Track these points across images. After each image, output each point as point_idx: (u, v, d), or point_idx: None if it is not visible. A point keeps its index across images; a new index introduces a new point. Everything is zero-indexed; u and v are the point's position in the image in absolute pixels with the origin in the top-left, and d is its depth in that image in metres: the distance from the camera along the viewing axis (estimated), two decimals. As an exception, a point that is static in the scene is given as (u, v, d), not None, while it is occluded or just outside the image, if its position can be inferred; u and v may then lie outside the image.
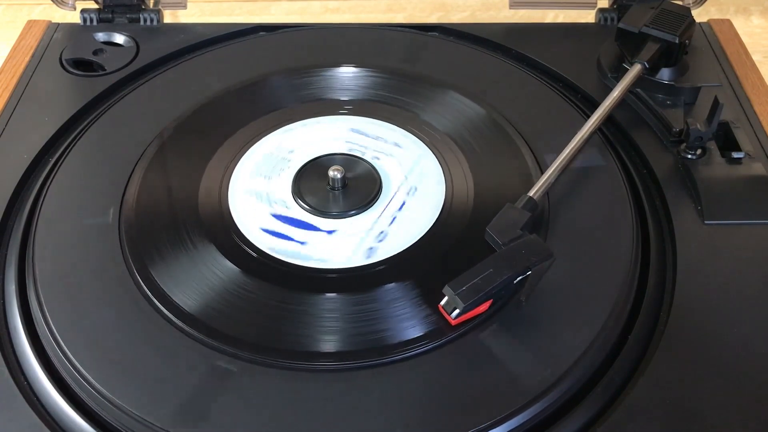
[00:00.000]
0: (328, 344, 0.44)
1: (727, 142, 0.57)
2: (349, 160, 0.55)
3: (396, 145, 0.57)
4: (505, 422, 0.41)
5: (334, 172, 0.52)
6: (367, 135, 0.57)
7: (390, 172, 0.55)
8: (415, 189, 0.53)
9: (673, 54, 0.59)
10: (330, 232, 0.51)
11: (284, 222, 0.51)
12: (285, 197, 0.53)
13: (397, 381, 0.42)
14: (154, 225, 0.51)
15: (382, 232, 0.50)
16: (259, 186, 0.54)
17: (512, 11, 0.79)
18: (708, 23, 0.69)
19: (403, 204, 0.52)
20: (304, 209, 0.52)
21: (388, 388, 0.42)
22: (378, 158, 0.55)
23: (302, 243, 0.50)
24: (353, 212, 0.52)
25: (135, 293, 0.47)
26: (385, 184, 0.54)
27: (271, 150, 0.56)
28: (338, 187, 0.53)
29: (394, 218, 0.51)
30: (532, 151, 0.56)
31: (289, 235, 0.50)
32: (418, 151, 0.56)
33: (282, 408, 0.41)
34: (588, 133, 0.53)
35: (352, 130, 0.57)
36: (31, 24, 0.69)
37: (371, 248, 0.49)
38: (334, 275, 0.48)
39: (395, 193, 0.53)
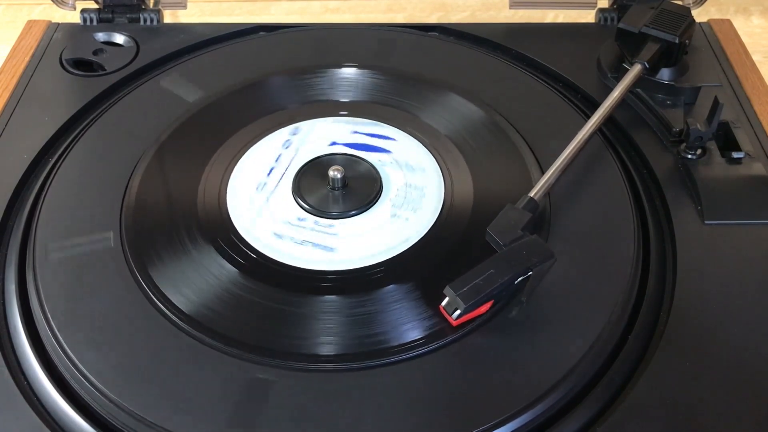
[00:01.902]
0: (329, 346, 0.44)
1: (727, 142, 0.57)
2: (349, 160, 0.55)
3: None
4: (507, 423, 0.41)
5: (334, 172, 0.52)
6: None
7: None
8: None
9: (673, 54, 0.59)
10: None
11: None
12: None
13: (397, 383, 0.42)
14: (154, 225, 0.51)
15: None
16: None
17: (512, 11, 0.79)
18: (708, 23, 0.69)
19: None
20: (304, 209, 0.52)
21: (389, 390, 0.42)
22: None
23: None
24: (353, 212, 0.52)
25: (135, 293, 0.47)
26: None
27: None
28: (338, 187, 0.53)
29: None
30: (532, 151, 0.56)
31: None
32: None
33: (282, 409, 0.41)
34: (588, 133, 0.53)
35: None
36: (31, 24, 0.69)
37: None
38: (334, 277, 0.48)
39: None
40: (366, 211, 0.52)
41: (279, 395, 0.42)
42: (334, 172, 0.52)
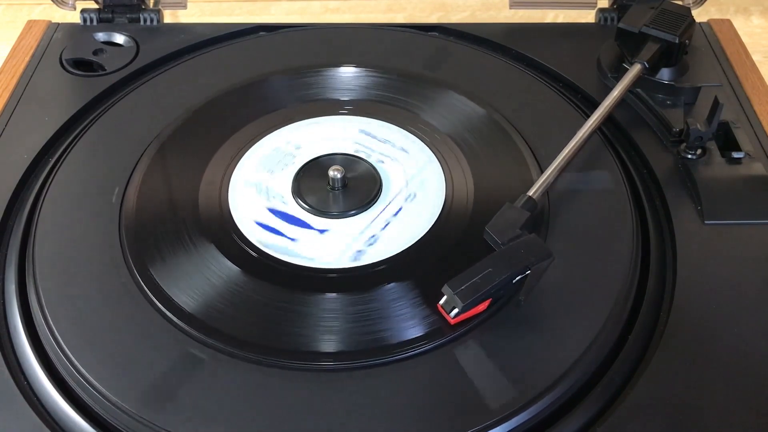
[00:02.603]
0: (328, 344, 0.44)
1: (727, 142, 0.57)
2: (349, 160, 0.55)
3: (401, 149, 0.57)
4: (505, 422, 0.41)
5: (334, 172, 0.52)
6: (375, 137, 0.57)
7: (391, 172, 0.55)
8: (414, 194, 0.53)
9: (673, 54, 0.59)
10: (322, 231, 0.51)
11: (279, 217, 0.52)
12: (284, 192, 0.53)
13: (396, 381, 0.42)
14: (154, 225, 0.51)
15: (373, 236, 0.50)
16: (261, 179, 0.54)
17: (512, 11, 0.79)
18: (708, 23, 0.69)
19: (400, 209, 0.52)
20: (303, 208, 0.52)
21: (388, 388, 0.42)
22: (382, 161, 0.55)
23: (293, 240, 0.50)
24: (353, 212, 0.52)
25: (135, 293, 0.47)
26: (386, 185, 0.54)
27: (278, 145, 0.56)
28: (338, 187, 0.53)
29: (387, 223, 0.51)
30: (531, 150, 0.56)
31: (281, 230, 0.51)
32: (420, 154, 0.56)
33: (282, 407, 0.41)
34: (588, 132, 0.53)
35: (361, 131, 0.57)
36: (31, 24, 0.69)
37: (360, 251, 0.49)
38: (334, 275, 0.48)
39: (395, 195, 0.53)
40: (366, 210, 0.52)
41: (279, 394, 0.42)
42: (334, 172, 0.52)
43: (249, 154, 0.56)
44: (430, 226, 0.51)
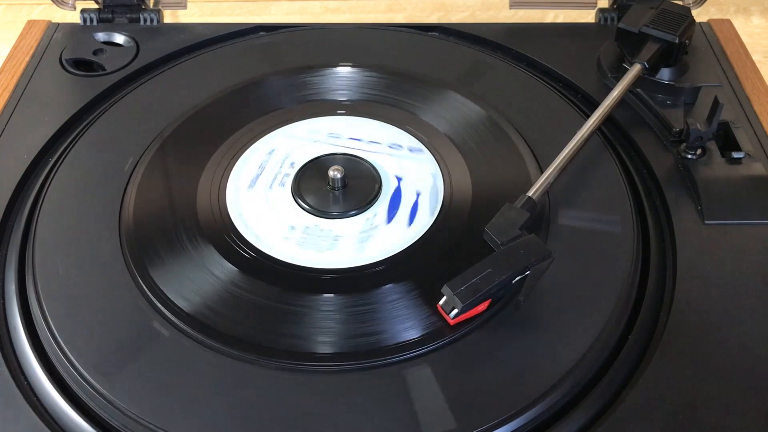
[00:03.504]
0: (326, 345, 0.44)
1: (727, 142, 0.57)
2: (349, 160, 0.55)
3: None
4: (506, 424, 0.41)
5: (334, 172, 0.52)
6: (364, 141, 0.57)
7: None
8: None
9: (673, 54, 0.59)
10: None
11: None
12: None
13: (395, 382, 0.42)
14: (153, 225, 0.51)
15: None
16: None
17: (512, 11, 0.79)
18: (708, 23, 0.69)
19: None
20: (303, 208, 0.52)
21: (386, 389, 0.42)
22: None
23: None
24: (353, 212, 0.52)
25: (135, 293, 0.47)
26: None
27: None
28: (338, 187, 0.53)
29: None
30: (531, 150, 0.56)
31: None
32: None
33: (280, 408, 0.41)
34: (588, 132, 0.53)
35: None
36: (31, 24, 0.69)
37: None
38: (332, 275, 0.48)
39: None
40: (366, 210, 0.52)
41: (278, 394, 0.42)
42: (334, 172, 0.52)
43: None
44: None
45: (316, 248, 0.49)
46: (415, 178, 0.54)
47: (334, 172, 0.52)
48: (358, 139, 0.57)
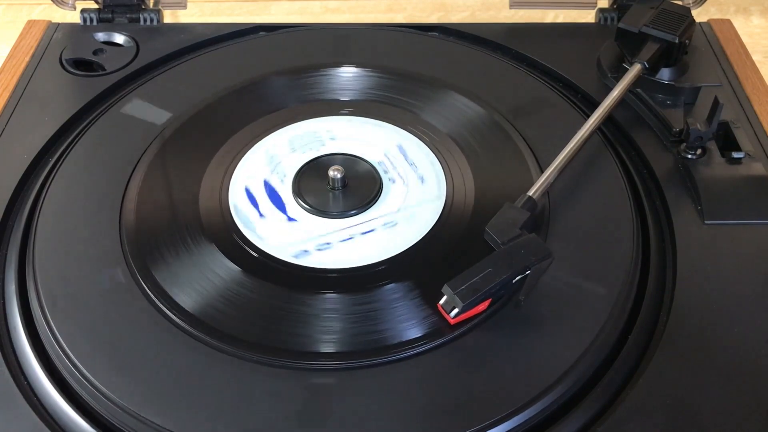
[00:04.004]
0: (328, 344, 0.44)
1: (727, 142, 0.57)
2: (349, 160, 0.55)
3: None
4: (505, 422, 0.41)
5: (334, 172, 0.52)
6: (364, 140, 0.57)
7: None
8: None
9: (673, 54, 0.59)
10: (290, 219, 0.51)
11: (266, 191, 0.53)
12: (288, 172, 0.54)
13: (395, 381, 0.42)
14: (154, 225, 0.51)
15: (328, 243, 0.50)
16: (279, 152, 0.56)
17: (512, 11, 0.79)
18: (708, 23, 0.69)
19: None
20: (303, 208, 0.52)
21: (387, 388, 0.42)
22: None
23: (261, 215, 0.51)
24: (353, 212, 0.52)
25: (135, 292, 0.47)
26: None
27: (309, 130, 0.57)
28: (338, 187, 0.53)
29: (376, 227, 0.51)
30: (532, 150, 0.56)
31: (258, 203, 0.52)
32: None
33: (282, 407, 0.41)
34: (588, 132, 0.53)
35: (399, 147, 0.57)
36: (31, 24, 0.69)
37: (306, 251, 0.49)
38: (335, 275, 0.48)
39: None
40: (366, 210, 0.52)
41: (279, 394, 0.42)
42: (334, 172, 0.52)
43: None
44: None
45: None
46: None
47: (334, 172, 0.52)
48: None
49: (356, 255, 0.49)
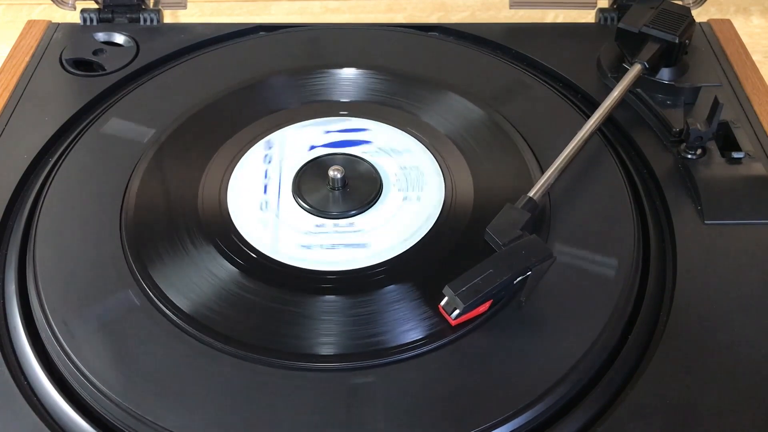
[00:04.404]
0: (328, 346, 0.44)
1: (727, 142, 0.57)
2: (349, 160, 0.55)
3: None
4: (506, 423, 0.41)
5: (334, 172, 0.52)
6: (364, 140, 0.57)
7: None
8: (415, 192, 0.53)
9: (673, 54, 0.59)
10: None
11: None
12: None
13: (396, 383, 0.42)
14: (154, 225, 0.51)
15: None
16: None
17: (512, 11, 0.79)
18: (708, 23, 0.69)
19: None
20: (303, 208, 0.52)
21: (387, 390, 0.42)
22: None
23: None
24: (353, 212, 0.52)
25: (135, 293, 0.47)
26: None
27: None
28: (338, 187, 0.53)
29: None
30: (532, 151, 0.56)
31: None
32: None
33: (281, 409, 0.41)
34: (588, 133, 0.53)
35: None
36: (31, 24, 0.69)
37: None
38: (334, 277, 0.48)
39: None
40: (366, 210, 0.52)
41: (278, 395, 0.42)
42: (334, 172, 0.52)
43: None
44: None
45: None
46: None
47: (334, 172, 0.52)
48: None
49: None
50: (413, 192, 0.53)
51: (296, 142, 0.57)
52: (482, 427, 0.40)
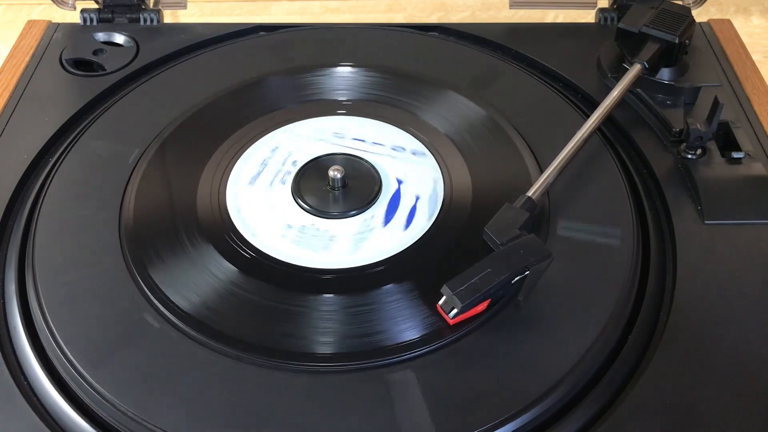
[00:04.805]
0: (326, 345, 0.44)
1: (727, 142, 0.57)
2: (349, 160, 0.55)
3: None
4: (506, 424, 0.41)
5: (334, 172, 0.52)
6: (365, 141, 0.57)
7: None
8: (415, 193, 0.53)
9: (673, 54, 0.59)
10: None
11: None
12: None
13: (394, 382, 0.42)
14: (153, 225, 0.51)
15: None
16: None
17: (512, 11, 0.79)
18: (708, 23, 0.69)
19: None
20: (303, 208, 0.52)
21: (386, 390, 0.42)
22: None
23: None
24: (353, 212, 0.52)
25: (135, 293, 0.47)
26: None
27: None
28: (338, 187, 0.53)
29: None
30: (531, 151, 0.56)
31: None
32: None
33: (279, 408, 0.41)
34: (588, 132, 0.53)
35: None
36: (31, 24, 0.69)
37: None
38: (332, 276, 0.48)
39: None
40: (366, 210, 0.52)
41: (278, 394, 0.42)
42: (334, 172, 0.52)
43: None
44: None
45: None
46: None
47: (334, 172, 0.52)
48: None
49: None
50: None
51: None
52: (482, 427, 0.40)
